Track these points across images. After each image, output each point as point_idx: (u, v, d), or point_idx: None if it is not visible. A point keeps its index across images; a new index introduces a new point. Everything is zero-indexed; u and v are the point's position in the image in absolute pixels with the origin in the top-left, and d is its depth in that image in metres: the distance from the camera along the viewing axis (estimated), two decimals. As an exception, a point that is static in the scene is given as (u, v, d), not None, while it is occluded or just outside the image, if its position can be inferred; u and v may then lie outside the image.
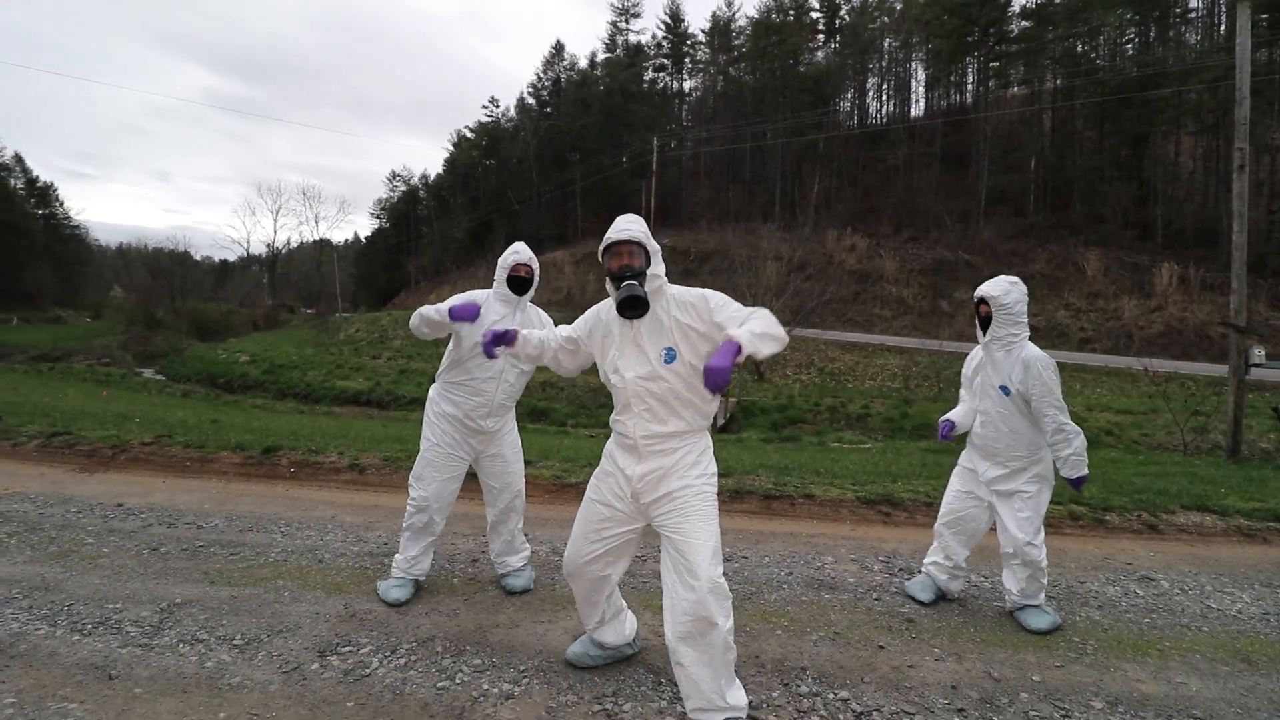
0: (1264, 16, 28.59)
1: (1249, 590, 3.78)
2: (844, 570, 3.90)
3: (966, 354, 3.58)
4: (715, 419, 14.12)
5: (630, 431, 2.36)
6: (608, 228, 2.38)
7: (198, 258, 69.49)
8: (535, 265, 3.33)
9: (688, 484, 2.31)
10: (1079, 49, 39.74)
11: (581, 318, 2.57)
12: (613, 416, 2.48)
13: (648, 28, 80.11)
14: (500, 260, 3.32)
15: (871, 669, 2.75)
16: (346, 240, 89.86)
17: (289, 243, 65.04)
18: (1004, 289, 3.15)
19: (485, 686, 2.52)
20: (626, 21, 60.29)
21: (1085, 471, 3.12)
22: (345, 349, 33.86)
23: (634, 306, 2.25)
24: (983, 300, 3.20)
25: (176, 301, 48.35)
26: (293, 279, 65.90)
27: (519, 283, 3.27)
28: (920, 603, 3.44)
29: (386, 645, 2.81)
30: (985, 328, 3.25)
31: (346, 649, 2.77)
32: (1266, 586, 3.83)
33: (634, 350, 2.36)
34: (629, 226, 2.37)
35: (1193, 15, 39.12)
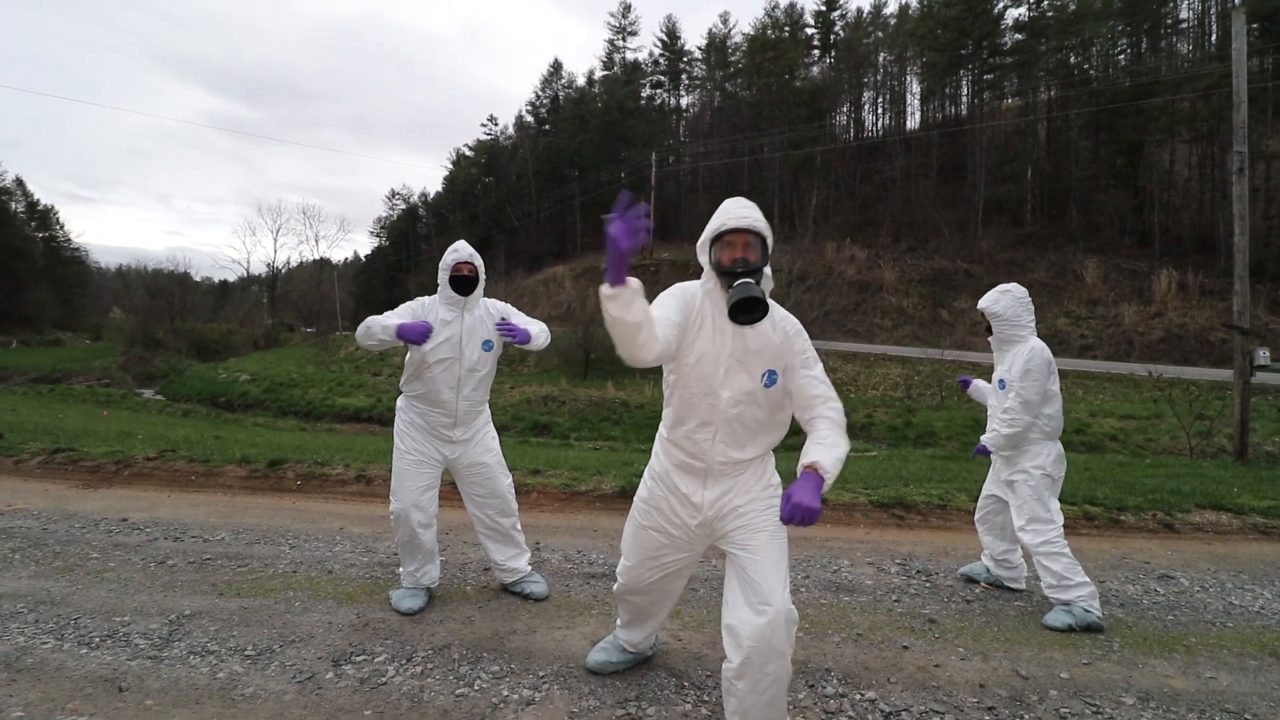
0: (1254, 26, 28.92)
1: (1269, 587, 3.73)
2: (861, 573, 3.85)
3: (968, 362, 3.95)
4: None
5: (705, 455, 2.09)
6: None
7: (197, 278, 69.48)
8: (478, 262, 3.17)
9: (754, 498, 2.11)
10: (1072, 60, 40.14)
11: (669, 296, 2.04)
12: (677, 433, 2.13)
13: (645, 45, 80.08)
14: (441, 261, 3.17)
15: (897, 669, 2.70)
16: (346, 259, 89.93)
17: (289, 262, 65.42)
18: (993, 299, 3.50)
19: (505, 693, 2.47)
20: (624, 40, 60.93)
21: (990, 447, 3.38)
22: (345, 366, 33.84)
23: (750, 309, 1.85)
24: (982, 313, 3.60)
25: (176, 322, 48.36)
26: (292, 298, 66.00)
27: (462, 282, 3.13)
28: (963, 576, 3.77)
29: (402, 653, 2.76)
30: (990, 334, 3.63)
31: (361, 658, 2.72)
32: (1289, 584, 3.79)
33: (734, 365, 2.01)
34: (748, 213, 1.97)
35: (1183, 26, 39.65)
